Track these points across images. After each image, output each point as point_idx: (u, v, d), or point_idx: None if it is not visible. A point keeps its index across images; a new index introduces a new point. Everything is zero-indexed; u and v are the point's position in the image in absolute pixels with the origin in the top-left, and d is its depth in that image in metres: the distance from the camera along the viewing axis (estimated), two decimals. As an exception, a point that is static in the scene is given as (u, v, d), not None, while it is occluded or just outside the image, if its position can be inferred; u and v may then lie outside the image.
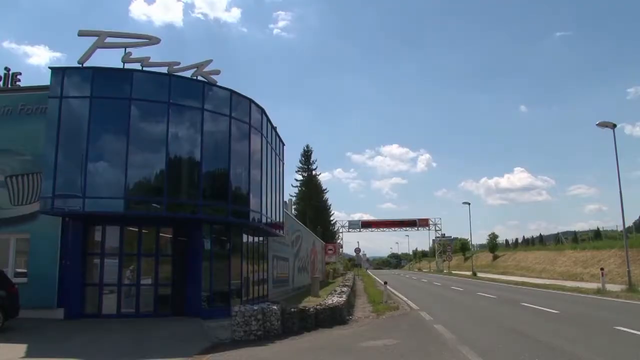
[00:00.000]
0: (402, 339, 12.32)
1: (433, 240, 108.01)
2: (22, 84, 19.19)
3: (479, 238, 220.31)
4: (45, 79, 17.03)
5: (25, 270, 17.41)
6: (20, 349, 11.53)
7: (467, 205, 67.01)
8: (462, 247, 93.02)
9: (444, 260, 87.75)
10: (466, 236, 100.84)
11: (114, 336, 13.57)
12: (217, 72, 18.45)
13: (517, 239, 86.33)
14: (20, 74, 19.29)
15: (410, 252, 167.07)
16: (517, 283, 37.85)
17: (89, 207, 15.88)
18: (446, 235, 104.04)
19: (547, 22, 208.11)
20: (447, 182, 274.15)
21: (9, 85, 19.01)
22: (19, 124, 18.14)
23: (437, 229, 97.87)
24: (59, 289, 16.73)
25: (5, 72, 19.12)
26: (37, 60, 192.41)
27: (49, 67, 16.77)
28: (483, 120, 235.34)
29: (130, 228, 17.93)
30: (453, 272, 74.88)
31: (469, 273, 61.81)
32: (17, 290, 14.85)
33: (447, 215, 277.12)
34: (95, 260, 17.47)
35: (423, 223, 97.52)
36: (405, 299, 24.95)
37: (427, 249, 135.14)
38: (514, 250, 73.08)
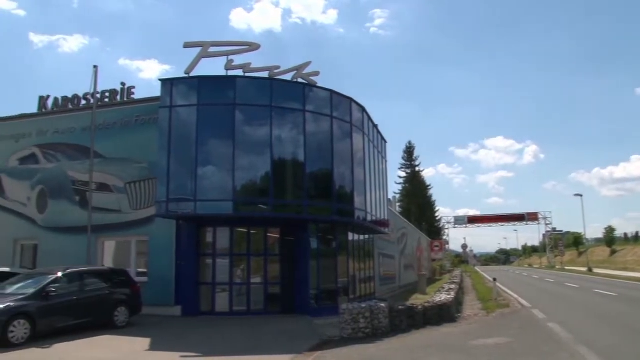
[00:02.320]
0: (514, 337, 11.92)
1: (543, 235, 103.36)
2: (136, 96, 20.39)
3: (593, 232, 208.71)
4: (156, 91, 18.06)
5: (145, 270, 18.59)
6: (145, 342, 12.43)
7: (580, 197, 63.76)
8: (575, 241, 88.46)
9: (556, 256, 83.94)
10: (579, 230, 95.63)
11: (228, 332, 14.10)
12: (317, 74, 18.68)
13: (637, 232, 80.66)
14: (134, 87, 20.50)
15: (520, 248, 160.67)
16: (639, 280, 35.38)
17: (200, 209, 16.63)
18: (557, 229, 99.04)
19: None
20: (556, 174, 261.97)
21: (125, 99, 20.27)
22: (135, 134, 19.35)
23: (547, 223, 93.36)
24: (176, 287, 17.65)
25: (122, 86, 20.40)
26: (149, 74, 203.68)
27: (159, 79, 17.74)
28: (593, 107, 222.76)
29: (240, 229, 18.54)
30: (566, 268, 71.34)
31: (584, 269, 58.69)
32: (139, 288, 15.93)
33: (557, 209, 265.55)
34: (207, 260, 18.24)
35: (532, 217, 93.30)
36: (515, 296, 24.07)
37: (537, 244, 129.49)
38: (634, 244, 68.46)
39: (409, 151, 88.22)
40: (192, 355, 11.00)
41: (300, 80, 18.38)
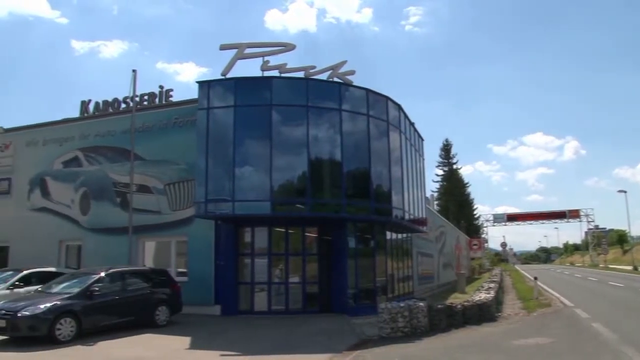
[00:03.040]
0: (556, 337, 11.68)
1: (585, 232, 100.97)
2: (174, 99, 20.69)
3: (638, 229, 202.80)
4: (193, 93, 18.30)
5: (185, 270, 18.84)
6: (185, 340, 12.67)
7: (623, 194, 62.21)
8: (619, 239, 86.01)
9: (599, 254, 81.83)
10: (623, 227, 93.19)
11: (267, 331, 14.19)
12: (352, 73, 18.64)
13: (687, 229, 77.91)
14: (172, 90, 20.80)
15: (561, 246, 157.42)
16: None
17: (238, 210, 16.76)
18: (600, 226, 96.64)
19: None
20: (598, 170, 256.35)
21: (164, 102, 20.60)
22: (174, 136, 19.65)
23: (590, 220, 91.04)
24: (215, 287, 17.87)
25: (160, 89, 20.74)
26: (186, 77, 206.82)
27: (196, 82, 17.93)
28: (635, 100, 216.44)
29: (277, 229, 18.64)
30: (610, 266, 69.47)
31: (629, 267, 57.11)
32: (180, 288, 16.17)
33: (600, 206, 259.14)
34: (246, 260, 18.39)
35: (573, 214, 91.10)
36: (557, 295, 23.57)
37: (578, 242, 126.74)
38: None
39: (446, 149, 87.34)
40: (231, 354, 11.14)
41: (336, 79, 18.37)
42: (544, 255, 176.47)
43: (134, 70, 18.78)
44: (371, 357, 10.27)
